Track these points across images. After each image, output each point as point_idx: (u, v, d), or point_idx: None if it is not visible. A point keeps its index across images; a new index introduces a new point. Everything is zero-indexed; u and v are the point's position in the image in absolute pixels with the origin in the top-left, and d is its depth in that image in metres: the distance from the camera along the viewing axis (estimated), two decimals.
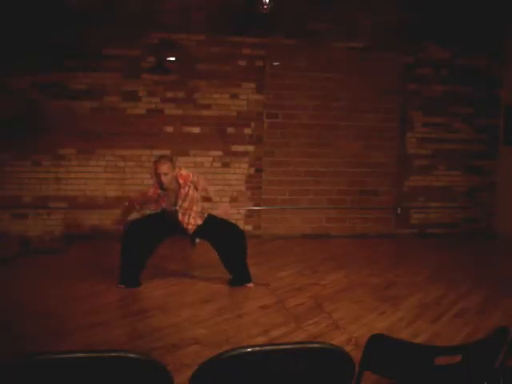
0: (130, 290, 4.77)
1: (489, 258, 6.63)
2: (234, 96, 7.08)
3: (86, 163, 6.78)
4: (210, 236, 4.95)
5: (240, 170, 7.18)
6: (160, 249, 6.43)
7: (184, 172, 4.77)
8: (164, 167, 4.55)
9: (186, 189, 4.73)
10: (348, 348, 3.40)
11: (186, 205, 4.75)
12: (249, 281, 4.97)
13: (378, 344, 1.98)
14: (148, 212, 5.39)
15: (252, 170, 7.22)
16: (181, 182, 4.70)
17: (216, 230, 4.92)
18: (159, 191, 4.72)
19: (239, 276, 4.95)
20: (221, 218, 5.08)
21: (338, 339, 3.72)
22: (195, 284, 5.02)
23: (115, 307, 4.36)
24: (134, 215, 5.20)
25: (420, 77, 7.54)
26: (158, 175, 4.57)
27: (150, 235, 4.83)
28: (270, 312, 4.34)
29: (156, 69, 6.84)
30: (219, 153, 7.07)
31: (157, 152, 6.90)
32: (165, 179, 4.56)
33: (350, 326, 4.04)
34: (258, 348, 1.68)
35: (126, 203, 5.24)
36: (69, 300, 4.47)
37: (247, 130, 7.15)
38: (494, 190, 7.86)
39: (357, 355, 1.93)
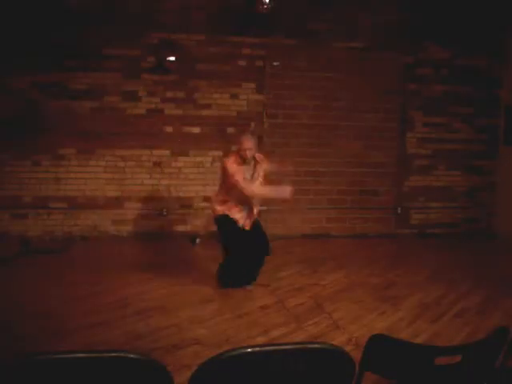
0: (131, 290, 4.78)
1: (489, 258, 6.63)
2: (234, 96, 7.08)
3: (85, 163, 6.78)
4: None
5: None
6: (160, 249, 6.46)
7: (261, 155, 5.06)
8: (250, 143, 4.78)
9: (261, 171, 4.98)
10: (348, 348, 3.40)
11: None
12: (249, 283, 4.99)
13: (378, 344, 1.98)
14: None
15: None
16: (258, 159, 4.96)
17: (257, 229, 5.01)
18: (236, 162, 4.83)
19: (246, 277, 4.97)
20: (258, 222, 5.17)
21: (338, 339, 3.72)
22: (195, 284, 5.02)
23: (115, 307, 4.35)
24: None
25: (420, 77, 7.54)
26: (244, 150, 4.75)
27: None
28: (270, 312, 4.34)
29: (156, 69, 6.84)
30: (219, 153, 7.06)
31: (157, 152, 6.93)
32: (249, 154, 4.78)
33: (350, 325, 4.04)
34: (257, 348, 1.68)
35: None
36: (69, 300, 4.47)
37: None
38: (494, 190, 7.86)
39: (357, 355, 1.93)
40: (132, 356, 1.57)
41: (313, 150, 7.31)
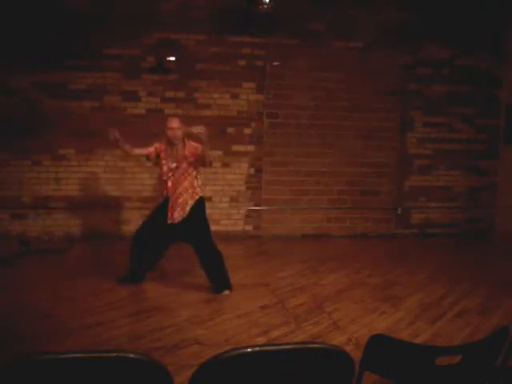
0: (131, 290, 4.78)
1: (489, 258, 6.63)
2: (234, 96, 7.08)
3: (85, 163, 6.79)
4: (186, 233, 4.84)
5: (240, 170, 7.18)
6: None
7: (194, 144, 4.82)
8: (174, 122, 4.84)
9: (185, 163, 4.78)
10: (348, 348, 3.40)
11: (178, 176, 4.79)
12: (227, 287, 4.79)
13: (378, 344, 1.97)
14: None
15: (252, 170, 7.22)
16: (187, 152, 4.79)
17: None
18: (163, 147, 4.94)
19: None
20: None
21: (338, 339, 3.72)
22: (195, 284, 5.02)
23: (115, 307, 4.35)
24: None
25: (420, 77, 7.54)
26: (168, 129, 4.83)
27: (159, 234, 4.87)
28: (270, 312, 4.34)
29: (156, 69, 6.84)
30: (219, 153, 7.07)
31: None
32: (171, 133, 4.82)
33: (350, 325, 4.04)
34: (257, 348, 1.67)
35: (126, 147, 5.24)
36: (69, 300, 4.46)
37: (247, 130, 7.15)
38: (494, 189, 7.86)
39: (357, 355, 1.92)
40: (132, 356, 1.57)
41: (313, 150, 7.31)
